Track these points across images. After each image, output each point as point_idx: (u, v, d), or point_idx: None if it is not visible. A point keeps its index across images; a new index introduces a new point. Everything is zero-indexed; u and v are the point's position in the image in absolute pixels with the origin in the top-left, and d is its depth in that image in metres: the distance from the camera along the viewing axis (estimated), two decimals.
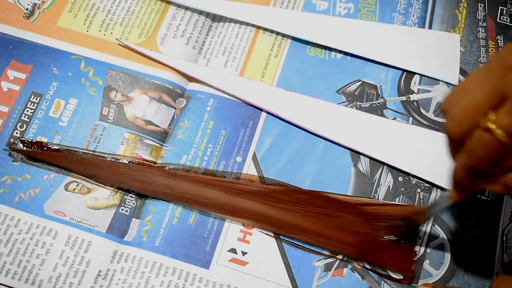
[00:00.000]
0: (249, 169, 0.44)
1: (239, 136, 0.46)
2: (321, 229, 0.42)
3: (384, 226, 0.42)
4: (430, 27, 0.51)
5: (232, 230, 0.42)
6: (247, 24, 0.50)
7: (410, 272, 0.41)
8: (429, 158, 0.45)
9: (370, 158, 0.45)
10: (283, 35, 0.50)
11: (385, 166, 0.45)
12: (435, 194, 0.44)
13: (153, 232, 0.42)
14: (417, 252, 0.42)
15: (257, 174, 0.44)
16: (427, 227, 0.43)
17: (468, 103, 0.28)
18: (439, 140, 0.45)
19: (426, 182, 0.44)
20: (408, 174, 0.44)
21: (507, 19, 0.51)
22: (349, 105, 0.47)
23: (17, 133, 0.44)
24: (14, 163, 0.43)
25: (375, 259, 0.41)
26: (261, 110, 0.46)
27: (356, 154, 0.45)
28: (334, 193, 0.44)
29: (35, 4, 0.49)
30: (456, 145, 0.30)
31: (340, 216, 0.42)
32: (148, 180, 0.43)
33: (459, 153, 0.31)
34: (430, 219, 0.43)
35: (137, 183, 0.43)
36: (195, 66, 0.48)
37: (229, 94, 0.47)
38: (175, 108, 0.46)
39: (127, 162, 0.43)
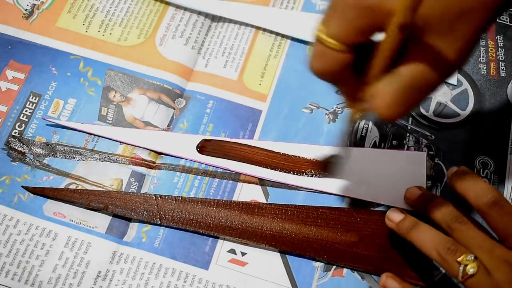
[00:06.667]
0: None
1: (238, 138, 0.46)
2: (343, 246, 0.41)
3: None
4: None
5: None
6: (247, 24, 0.50)
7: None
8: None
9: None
10: (283, 36, 0.50)
11: None
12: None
13: (152, 233, 0.42)
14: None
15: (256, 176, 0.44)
16: None
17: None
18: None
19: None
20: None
21: (507, 19, 0.51)
22: None
23: (15, 132, 0.44)
24: (13, 163, 0.43)
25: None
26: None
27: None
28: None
29: (34, 4, 0.49)
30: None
31: (362, 228, 0.42)
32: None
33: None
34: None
35: None
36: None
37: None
38: (174, 109, 0.46)
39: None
